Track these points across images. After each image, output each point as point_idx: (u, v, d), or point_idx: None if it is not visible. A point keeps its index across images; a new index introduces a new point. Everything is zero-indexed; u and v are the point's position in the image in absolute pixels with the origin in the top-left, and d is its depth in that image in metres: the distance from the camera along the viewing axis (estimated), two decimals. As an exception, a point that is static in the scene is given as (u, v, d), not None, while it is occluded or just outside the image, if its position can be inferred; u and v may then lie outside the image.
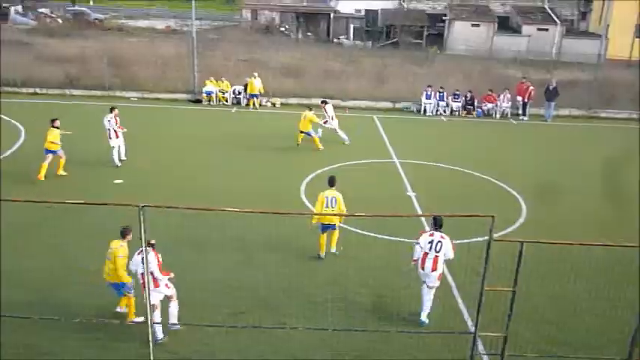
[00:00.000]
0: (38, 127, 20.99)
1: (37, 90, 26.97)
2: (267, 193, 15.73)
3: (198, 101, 26.78)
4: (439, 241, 9.89)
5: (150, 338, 6.71)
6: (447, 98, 27.07)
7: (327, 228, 12.12)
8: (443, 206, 14.55)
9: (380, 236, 13.03)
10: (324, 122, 20.90)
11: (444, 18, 49.78)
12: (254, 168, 18.04)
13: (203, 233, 12.40)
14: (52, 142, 16.16)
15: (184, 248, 11.76)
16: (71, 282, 10.76)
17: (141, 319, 9.32)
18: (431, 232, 10.09)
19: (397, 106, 27.73)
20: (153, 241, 8.60)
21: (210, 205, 8.51)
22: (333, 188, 12.10)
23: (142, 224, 5.20)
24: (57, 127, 16.44)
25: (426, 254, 9.93)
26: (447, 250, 9.90)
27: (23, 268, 11.19)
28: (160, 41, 39.17)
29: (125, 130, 17.90)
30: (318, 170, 17.47)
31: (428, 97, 26.88)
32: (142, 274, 8.48)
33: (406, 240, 12.98)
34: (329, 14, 53.30)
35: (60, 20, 50.24)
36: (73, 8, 55.80)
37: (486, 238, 7.51)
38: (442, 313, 10.25)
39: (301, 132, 20.11)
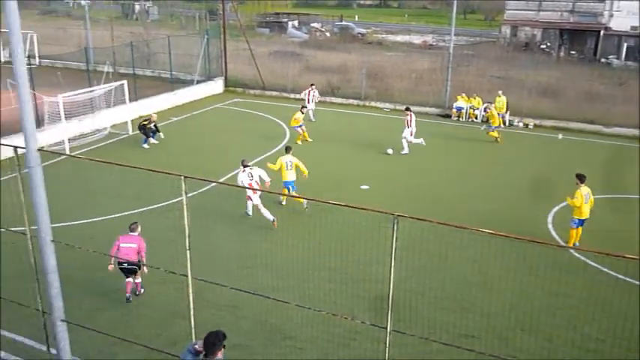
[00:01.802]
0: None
1: (298, 96, 29.78)
2: (509, 218, 15.10)
3: (448, 116, 26.82)
4: None
5: (387, 341, 6.91)
6: None
7: (583, 223, 13.18)
8: None
9: (633, 281, 11.55)
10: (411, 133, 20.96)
11: None
12: (498, 190, 17.43)
13: (443, 249, 12.41)
14: (296, 120, 21.51)
15: (425, 260, 11.85)
16: (317, 276, 11.70)
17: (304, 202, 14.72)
18: None
19: (673, 137, 24.15)
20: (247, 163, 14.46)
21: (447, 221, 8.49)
22: (585, 185, 13.30)
23: (395, 233, 5.39)
24: (302, 112, 22.02)
25: None
26: None
27: (279, 257, 12.52)
28: (416, 56, 40.20)
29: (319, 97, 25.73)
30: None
31: None
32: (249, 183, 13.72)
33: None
34: (598, 31, 48.93)
35: (328, 34, 54.87)
36: (340, 23, 60.49)
37: None
38: None
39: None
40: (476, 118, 26.24)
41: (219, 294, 10.34)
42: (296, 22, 60.62)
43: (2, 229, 9.73)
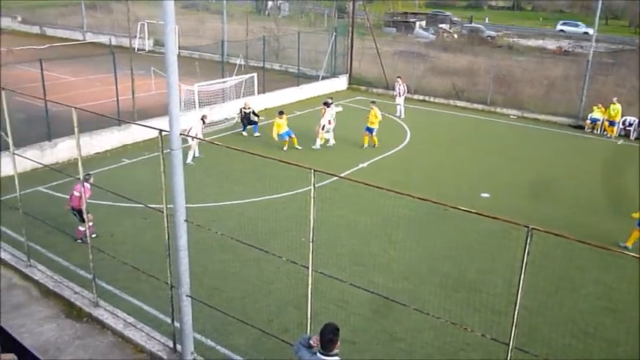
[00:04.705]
0: (422, 130, 23.27)
1: (426, 98, 29.48)
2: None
3: (580, 127, 25.22)
4: None
5: (509, 358, 6.66)
6: None
7: None
8: None
9: None
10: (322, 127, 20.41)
11: None
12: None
13: (566, 267, 11.76)
14: (279, 125, 20.14)
15: (546, 278, 11.28)
16: (430, 281, 11.55)
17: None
18: None
19: None
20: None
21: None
22: None
23: (527, 246, 5.18)
24: (281, 118, 20.23)
25: None
26: None
27: (393, 258, 12.49)
28: (549, 62, 38.16)
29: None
30: None
31: None
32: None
33: None
34: None
35: (456, 36, 53.59)
36: (469, 25, 58.84)
37: None
38: None
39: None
40: (612, 131, 24.41)
41: (331, 287, 10.47)
42: (423, 23, 59.81)
43: (141, 205, 10.49)
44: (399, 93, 25.90)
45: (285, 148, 19.93)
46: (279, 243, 11.99)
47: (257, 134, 21.79)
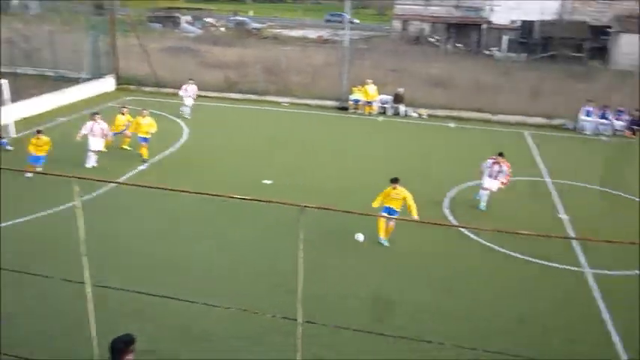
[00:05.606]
0: (199, 126, 23.04)
1: (200, 92, 29.13)
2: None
3: (345, 109, 27.34)
4: None
5: (298, 332, 6.92)
6: (609, 117, 25.03)
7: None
8: (600, 232, 13.49)
9: (525, 257, 12.42)
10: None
11: (608, 30, 46.26)
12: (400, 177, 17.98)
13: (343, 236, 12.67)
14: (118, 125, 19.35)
15: (330, 248, 12.00)
16: (226, 274, 11.51)
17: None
18: None
19: (553, 122, 26.09)
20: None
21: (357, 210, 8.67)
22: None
23: (301, 223, 5.41)
24: (123, 115, 19.84)
25: None
26: None
27: (181, 254, 12.19)
28: (312, 50, 40.61)
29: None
30: (463, 185, 17.04)
31: (588, 114, 25.05)
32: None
33: (557, 265, 12.30)
34: (480, 25, 51.91)
35: (223, 29, 54.07)
36: (234, 18, 59.81)
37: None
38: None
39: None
40: (372, 109, 26.90)
41: (123, 299, 9.89)
42: (189, 17, 59.21)
43: None
44: (188, 94, 24.93)
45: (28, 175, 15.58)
46: (60, 260, 10.96)
47: (9, 148, 19.24)
